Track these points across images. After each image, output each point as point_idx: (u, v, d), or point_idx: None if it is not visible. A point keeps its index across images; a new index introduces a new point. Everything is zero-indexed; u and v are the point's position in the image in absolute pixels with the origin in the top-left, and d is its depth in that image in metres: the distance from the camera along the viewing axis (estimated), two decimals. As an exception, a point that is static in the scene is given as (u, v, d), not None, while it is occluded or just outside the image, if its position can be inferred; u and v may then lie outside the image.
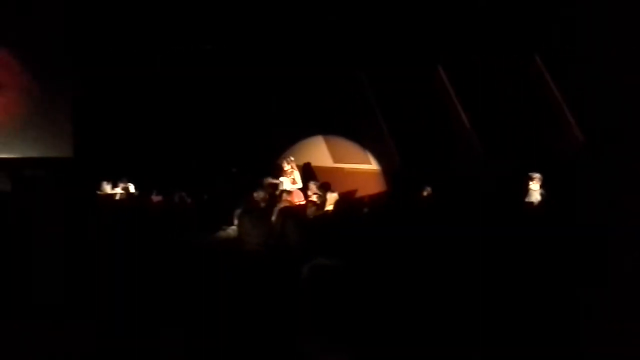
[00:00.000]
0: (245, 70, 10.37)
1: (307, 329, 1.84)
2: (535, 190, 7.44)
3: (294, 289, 1.96)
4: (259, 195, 6.69)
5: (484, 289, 2.97)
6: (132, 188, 8.61)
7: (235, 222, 4.43)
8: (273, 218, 4.35)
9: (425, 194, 8.04)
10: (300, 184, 9.15)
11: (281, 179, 8.97)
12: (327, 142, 10.82)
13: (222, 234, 4.85)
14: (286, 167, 9.12)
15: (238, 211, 4.49)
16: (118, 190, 8.39)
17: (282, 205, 5.89)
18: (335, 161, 10.76)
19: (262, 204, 6.35)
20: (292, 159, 9.28)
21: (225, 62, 10.49)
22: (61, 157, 9.82)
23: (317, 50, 9.94)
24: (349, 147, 10.78)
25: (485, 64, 8.79)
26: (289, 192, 8.19)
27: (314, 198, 7.86)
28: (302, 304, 1.87)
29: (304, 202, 7.69)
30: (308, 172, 10.16)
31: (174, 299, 2.81)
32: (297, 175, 9.19)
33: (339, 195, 8.60)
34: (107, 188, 8.38)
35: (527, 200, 7.38)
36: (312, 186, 9.11)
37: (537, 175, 7.47)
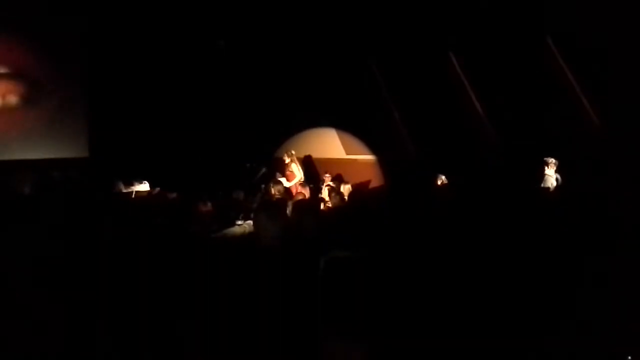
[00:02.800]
0: (254, 63, 10.37)
1: (325, 321, 1.85)
2: (550, 176, 7.40)
3: (311, 282, 1.97)
4: (277, 188, 6.63)
5: (500, 282, 2.95)
6: (146, 186, 8.66)
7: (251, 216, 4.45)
8: (288, 212, 4.37)
9: (439, 182, 8.01)
10: (301, 175, 9.01)
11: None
12: (339, 133, 10.81)
13: (237, 228, 4.88)
14: (286, 159, 9.02)
15: (254, 206, 4.52)
16: (133, 189, 8.44)
17: (297, 199, 5.90)
18: (348, 152, 10.74)
19: (279, 196, 6.30)
20: (293, 152, 9.19)
21: (236, 55, 10.49)
22: (77, 157, 9.88)
23: (326, 39, 9.88)
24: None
25: (496, 49, 8.70)
26: (303, 185, 8.19)
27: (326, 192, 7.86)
28: (320, 296, 1.88)
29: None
30: (309, 165, 10.11)
31: (191, 292, 2.83)
32: (294, 167, 9.03)
33: (352, 186, 8.60)
34: (122, 187, 8.42)
35: (542, 185, 7.34)
36: (326, 178, 9.11)
37: (552, 161, 7.43)
